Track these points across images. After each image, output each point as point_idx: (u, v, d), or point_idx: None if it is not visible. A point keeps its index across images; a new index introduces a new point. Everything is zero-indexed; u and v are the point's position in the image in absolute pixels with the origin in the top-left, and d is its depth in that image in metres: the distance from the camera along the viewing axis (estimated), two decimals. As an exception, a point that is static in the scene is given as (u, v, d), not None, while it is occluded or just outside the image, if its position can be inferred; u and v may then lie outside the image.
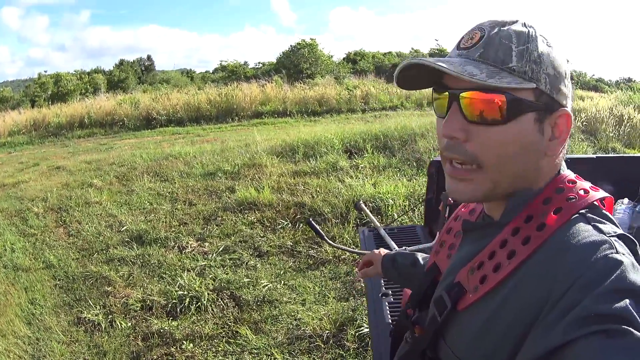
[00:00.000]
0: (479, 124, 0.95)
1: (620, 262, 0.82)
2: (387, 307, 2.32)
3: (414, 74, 1.03)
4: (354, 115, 18.47)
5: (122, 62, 41.67)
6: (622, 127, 11.22)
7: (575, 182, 1.03)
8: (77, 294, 5.26)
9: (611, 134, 10.93)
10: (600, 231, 0.90)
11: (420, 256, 1.76)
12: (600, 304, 0.77)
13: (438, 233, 2.57)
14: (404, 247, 2.60)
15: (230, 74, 34.12)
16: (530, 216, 0.99)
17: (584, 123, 11.57)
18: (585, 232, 0.90)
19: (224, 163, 9.84)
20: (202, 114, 20.05)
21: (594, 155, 3.85)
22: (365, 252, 2.90)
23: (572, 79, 1.06)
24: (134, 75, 40.49)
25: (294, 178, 8.36)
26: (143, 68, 44.30)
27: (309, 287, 5.00)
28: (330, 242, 2.52)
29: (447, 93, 0.99)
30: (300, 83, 23.60)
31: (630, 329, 0.75)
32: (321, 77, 27.01)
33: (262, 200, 7.31)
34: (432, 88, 1.07)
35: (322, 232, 2.43)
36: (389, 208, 6.42)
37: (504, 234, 1.01)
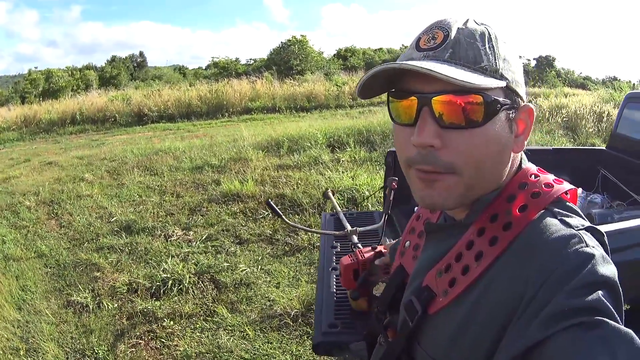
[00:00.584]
0: (454, 129, 0.91)
1: (592, 255, 0.83)
2: (334, 279, 2.50)
3: (370, 80, 0.98)
4: (342, 111, 18.62)
5: (114, 59, 41.57)
6: (602, 123, 11.39)
7: (539, 176, 1.02)
8: (68, 280, 5.53)
9: (591, 130, 11.11)
10: (569, 225, 0.90)
11: None
12: (573, 298, 0.78)
13: (384, 216, 2.82)
14: (355, 228, 2.84)
15: (222, 70, 34.05)
16: (495, 215, 0.98)
17: (565, 119, 11.83)
18: (553, 227, 0.90)
19: (212, 157, 10.09)
20: (193, 110, 20.14)
21: (551, 147, 4.00)
22: (319, 231, 3.20)
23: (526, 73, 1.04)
24: (126, 71, 40.28)
25: (277, 171, 8.62)
26: (135, 64, 44.10)
27: (284, 271, 5.28)
28: (288, 221, 2.78)
29: (414, 98, 0.93)
30: (290, 79, 23.72)
31: (604, 319, 0.76)
32: (311, 73, 27.02)
33: (245, 192, 7.59)
34: (388, 93, 1.02)
35: (280, 212, 2.69)
36: (365, 199, 6.70)
37: (470, 234, 1.01)
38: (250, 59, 38.11)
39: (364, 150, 9.49)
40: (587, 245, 0.85)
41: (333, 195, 3.54)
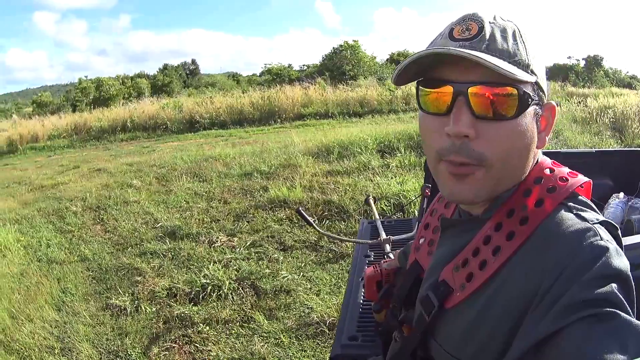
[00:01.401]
0: (488, 120, 0.93)
1: (606, 249, 0.85)
2: (363, 290, 2.46)
3: (408, 66, 0.99)
4: (394, 115, 18.49)
5: (166, 67, 42.45)
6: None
7: (554, 170, 1.03)
8: (108, 283, 5.67)
9: (637, 131, 10.88)
10: (584, 219, 0.92)
11: None
12: (587, 290, 0.80)
13: (417, 224, 2.78)
14: (389, 237, 2.82)
15: (275, 76, 34.39)
16: (512, 210, 1.00)
17: (612, 120, 11.62)
18: (569, 221, 0.92)
19: (261, 164, 10.14)
20: (245, 116, 20.39)
21: (594, 150, 3.90)
22: (354, 240, 3.18)
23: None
24: (179, 79, 41.09)
25: (326, 177, 8.61)
26: (188, 72, 44.91)
27: (325, 278, 5.26)
28: (319, 229, 2.78)
29: (449, 87, 0.95)
30: (343, 85, 23.72)
31: (617, 311, 0.78)
32: (364, 78, 26.94)
33: (292, 199, 7.62)
34: (417, 82, 1.04)
35: (310, 220, 2.69)
36: (412, 205, 6.64)
37: (487, 229, 1.02)
38: (304, 65, 38.54)
39: (414, 155, 9.35)
40: (601, 239, 0.87)
41: (375, 202, 3.54)
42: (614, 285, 0.81)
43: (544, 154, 1.11)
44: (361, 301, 2.40)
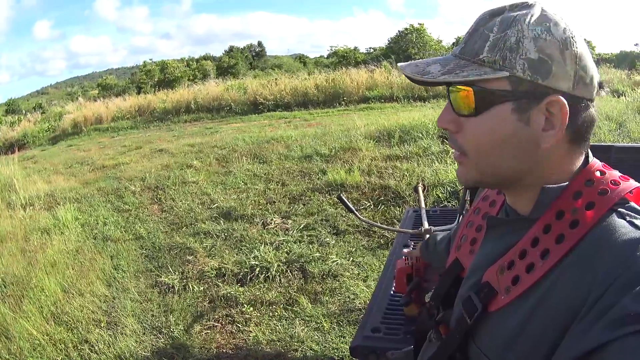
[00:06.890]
0: (462, 116, 1.00)
1: None
2: (394, 286, 2.39)
3: None
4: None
5: (231, 49, 42.94)
6: None
7: (605, 173, 1.00)
8: (160, 261, 5.85)
9: None
10: (637, 227, 0.89)
11: (439, 236, 1.82)
12: (639, 303, 0.77)
13: (458, 216, 2.77)
14: (430, 227, 2.81)
15: (341, 59, 34.39)
16: (561, 212, 0.97)
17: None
18: (622, 228, 0.89)
19: (322, 146, 10.17)
20: (310, 98, 20.45)
21: None
22: (394, 228, 3.17)
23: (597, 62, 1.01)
24: (244, 61, 41.43)
25: (386, 162, 8.55)
26: (254, 54, 45.29)
27: (374, 265, 5.26)
28: (360, 216, 2.79)
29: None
30: (409, 68, 23.17)
31: None
32: (430, 62, 26.63)
33: (350, 182, 7.63)
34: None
35: (352, 207, 2.69)
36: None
37: (535, 231, 1.00)
38: (370, 48, 38.33)
39: (474, 142, 9.17)
40: None
41: (425, 190, 3.52)
42: None
43: (595, 148, 1.09)
44: (392, 292, 2.40)
